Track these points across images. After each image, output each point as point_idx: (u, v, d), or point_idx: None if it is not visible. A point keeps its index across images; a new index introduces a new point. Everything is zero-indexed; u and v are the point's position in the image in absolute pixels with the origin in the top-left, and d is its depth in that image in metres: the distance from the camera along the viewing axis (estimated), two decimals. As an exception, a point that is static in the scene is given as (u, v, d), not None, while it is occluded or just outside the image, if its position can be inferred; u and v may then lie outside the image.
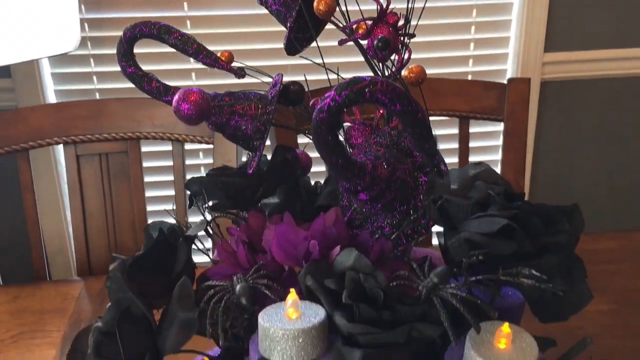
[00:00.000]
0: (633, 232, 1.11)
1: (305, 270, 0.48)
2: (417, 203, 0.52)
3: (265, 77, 0.62)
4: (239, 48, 1.45)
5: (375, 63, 0.56)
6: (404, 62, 0.54)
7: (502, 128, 1.17)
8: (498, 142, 1.56)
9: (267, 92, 0.60)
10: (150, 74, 0.60)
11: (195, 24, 1.44)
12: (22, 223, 1.12)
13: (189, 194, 0.63)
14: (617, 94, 1.61)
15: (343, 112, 0.42)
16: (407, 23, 0.53)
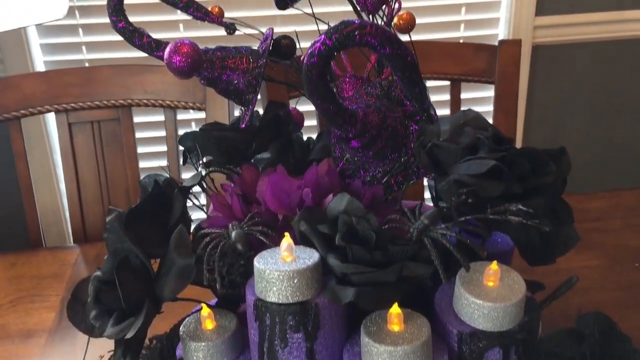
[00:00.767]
0: (623, 190, 1.13)
1: (299, 217, 0.49)
2: (408, 151, 0.53)
3: (256, 30, 0.62)
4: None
5: (365, 15, 0.56)
6: (394, 12, 0.54)
7: (493, 93, 1.18)
8: (489, 107, 1.56)
9: (258, 47, 0.60)
10: (141, 29, 0.60)
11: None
12: (16, 192, 1.12)
13: (183, 150, 0.63)
14: (608, 57, 1.61)
15: (333, 56, 0.43)
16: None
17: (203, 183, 0.61)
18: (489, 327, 0.45)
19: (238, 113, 0.62)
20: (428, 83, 1.26)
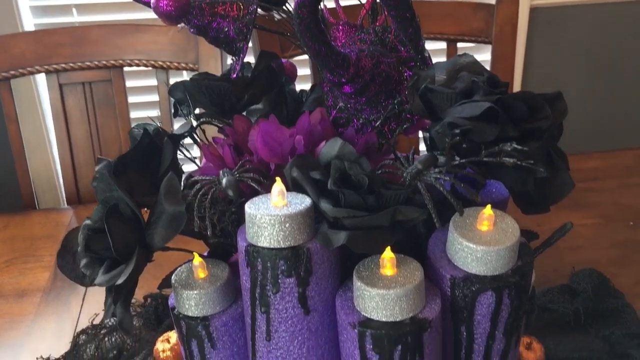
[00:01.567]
0: (619, 151, 1.12)
1: (291, 164, 0.48)
2: (402, 97, 0.52)
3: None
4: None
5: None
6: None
7: (490, 56, 1.16)
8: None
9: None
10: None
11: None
12: (9, 156, 1.11)
13: (174, 102, 0.62)
14: (605, 20, 1.60)
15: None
16: None
17: (195, 135, 0.60)
18: (482, 270, 0.45)
19: (230, 61, 0.61)
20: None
